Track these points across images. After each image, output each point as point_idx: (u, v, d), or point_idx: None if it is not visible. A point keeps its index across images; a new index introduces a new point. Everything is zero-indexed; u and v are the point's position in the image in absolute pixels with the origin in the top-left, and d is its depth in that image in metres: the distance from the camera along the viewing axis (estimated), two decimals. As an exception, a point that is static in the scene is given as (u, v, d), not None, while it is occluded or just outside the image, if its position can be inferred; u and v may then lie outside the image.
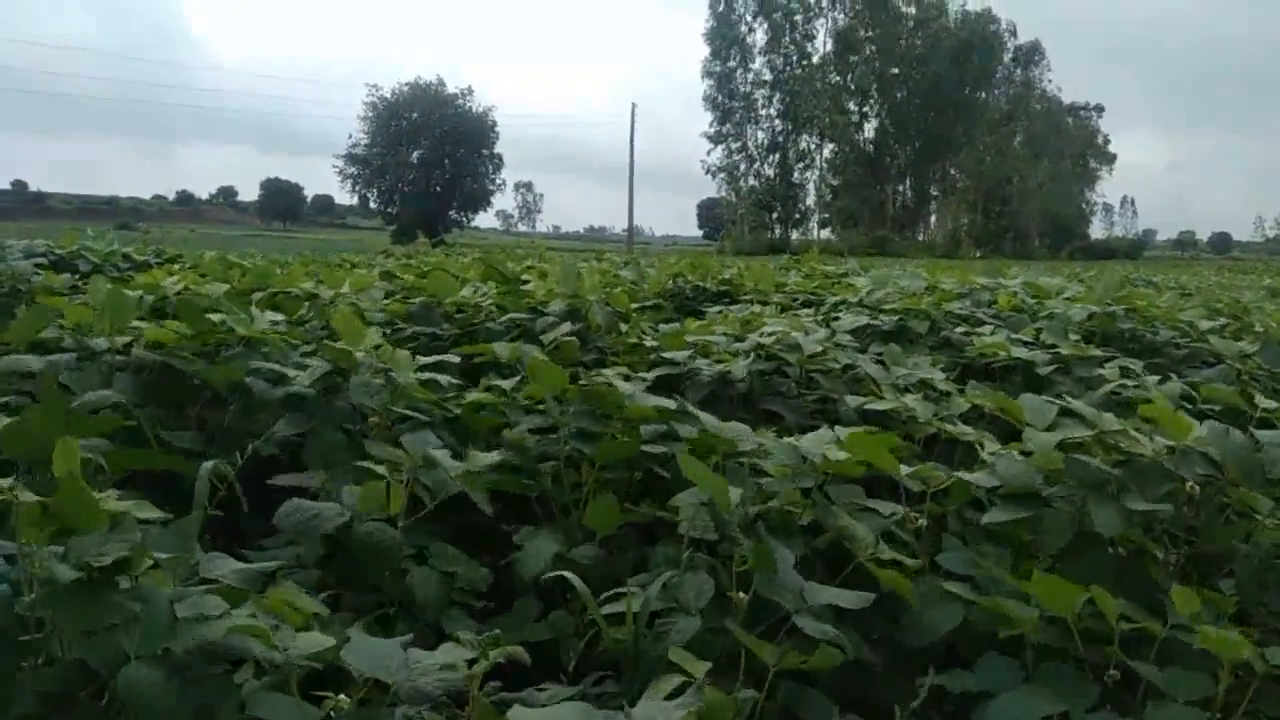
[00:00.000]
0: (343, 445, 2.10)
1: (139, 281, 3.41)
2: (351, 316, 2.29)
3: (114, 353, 2.39)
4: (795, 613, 1.37)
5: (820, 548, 1.73)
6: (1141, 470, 1.48)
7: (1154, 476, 1.48)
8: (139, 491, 1.78)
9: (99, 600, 1.14)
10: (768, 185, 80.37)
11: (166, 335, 2.38)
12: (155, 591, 1.18)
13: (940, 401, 2.55)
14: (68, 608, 1.13)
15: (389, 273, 4.46)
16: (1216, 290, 7.16)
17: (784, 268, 9.65)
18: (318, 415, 2.15)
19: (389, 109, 64.36)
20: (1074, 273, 14.29)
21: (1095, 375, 2.87)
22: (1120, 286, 3.89)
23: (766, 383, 2.64)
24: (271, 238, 69.45)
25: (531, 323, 3.07)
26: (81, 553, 1.17)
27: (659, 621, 1.41)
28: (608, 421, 2.06)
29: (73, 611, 1.13)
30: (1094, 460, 1.50)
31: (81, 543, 1.19)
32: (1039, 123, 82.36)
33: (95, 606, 1.13)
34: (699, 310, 4.55)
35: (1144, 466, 1.48)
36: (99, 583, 1.15)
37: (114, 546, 1.18)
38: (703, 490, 1.56)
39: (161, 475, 1.93)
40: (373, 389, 2.14)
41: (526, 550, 1.69)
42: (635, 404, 2.05)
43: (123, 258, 6.19)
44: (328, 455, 2.06)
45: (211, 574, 1.33)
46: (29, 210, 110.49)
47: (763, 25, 78.71)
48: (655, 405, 2.04)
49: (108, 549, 1.17)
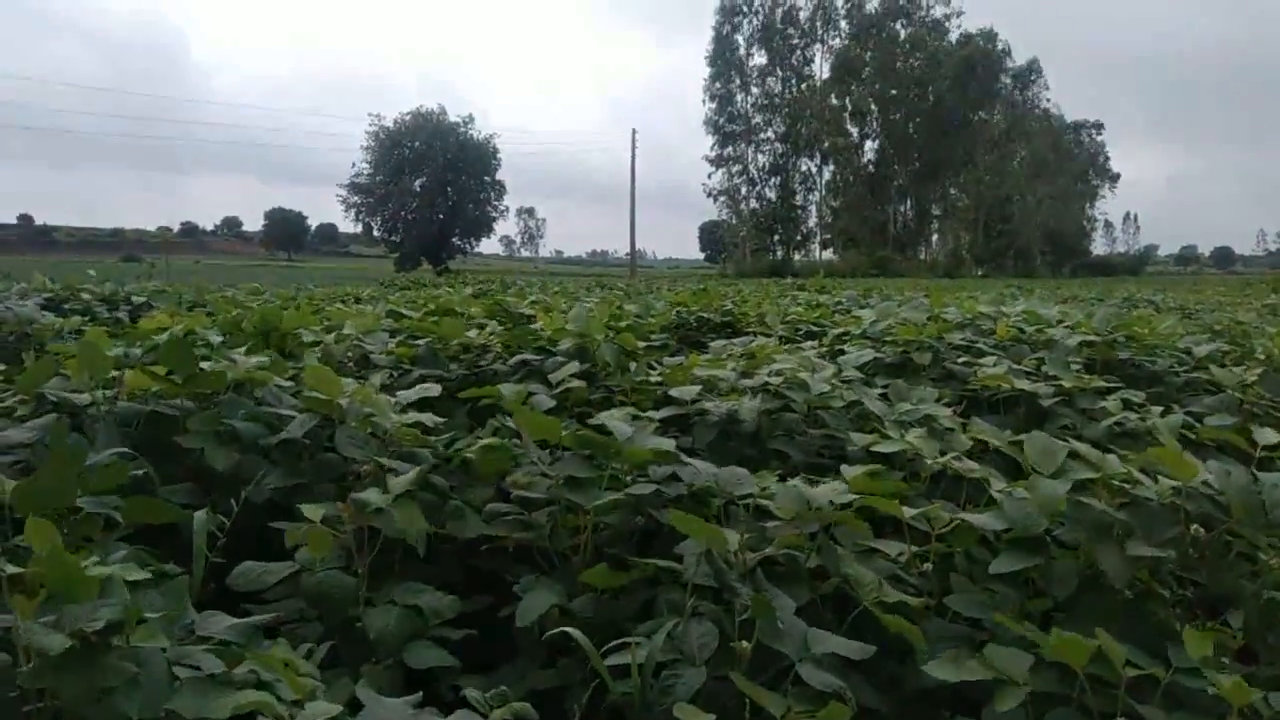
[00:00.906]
0: (333, 496, 2.04)
1: (143, 327, 3.44)
2: (322, 370, 2.26)
3: (98, 405, 2.35)
4: (799, 661, 1.38)
5: (827, 592, 1.74)
6: (1147, 513, 1.50)
7: (1160, 520, 1.50)
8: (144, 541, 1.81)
9: (94, 665, 1.14)
10: (769, 208, 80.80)
11: (146, 381, 2.36)
12: (152, 652, 1.18)
13: (945, 436, 2.56)
14: (63, 676, 1.13)
15: (395, 310, 4.48)
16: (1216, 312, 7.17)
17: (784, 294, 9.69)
18: (307, 469, 2.13)
19: (391, 138, 64.96)
20: (1074, 295, 14.30)
21: (1098, 407, 2.88)
22: (1118, 318, 3.90)
23: (774, 421, 2.65)
24: (276, 268, 69.85)
25: (540, 363, 3.08)
26: (73, 621, 1.17)
27: (664, 672, 1.42)
28: (603, 466, 2.02)
29: (69, 679, 1.13)
30: (1098, 504, 1.51)
31: (73, 610, 1.20)
32: (1039, 141, 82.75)
33: (91, 672, 1.14)
34: (702, 342, 4.57)
35: (1150, 510, 1.50)
36: (93, 648, 1.15)
37: (105, 611, 1.18)
38: (698, 540, 1.57)
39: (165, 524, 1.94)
40: (359, 440, 2.12)
41: (525, 601, 1.70)
42: (633, 447, 2.02)
43: (126, 299, 6.23)
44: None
45: (206, 631, 1.32)
46: (34, 244, 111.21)
47: (762, 49, 79.51)
48: (653, 448, 2.01)
49: (99, 614, 1.18)
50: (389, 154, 64.54)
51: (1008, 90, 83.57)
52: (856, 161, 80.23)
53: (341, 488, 2.12)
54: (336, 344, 3.28)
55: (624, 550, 1.99)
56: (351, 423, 2.20)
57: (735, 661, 1.45)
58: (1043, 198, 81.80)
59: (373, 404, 2.22)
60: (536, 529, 1.97)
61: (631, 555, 1.97)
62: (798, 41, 79.12)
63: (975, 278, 64.56)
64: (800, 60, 79.32)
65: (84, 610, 1.18)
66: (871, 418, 2.65)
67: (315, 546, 1.71)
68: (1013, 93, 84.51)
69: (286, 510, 2.05)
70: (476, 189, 66.38)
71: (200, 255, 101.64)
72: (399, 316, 4.04)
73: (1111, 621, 1.54)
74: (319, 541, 1.71)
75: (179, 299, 6.77)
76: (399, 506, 1.77)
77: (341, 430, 2.13)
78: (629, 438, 2.04)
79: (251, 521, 2.00)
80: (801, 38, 79.27)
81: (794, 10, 79.03)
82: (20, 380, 2.57)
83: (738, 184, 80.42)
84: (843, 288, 14.30)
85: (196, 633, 1.30)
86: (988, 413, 3.02)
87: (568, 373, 2.78)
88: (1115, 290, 17.27)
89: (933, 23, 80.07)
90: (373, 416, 2.20)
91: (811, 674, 1.35)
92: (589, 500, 1.88)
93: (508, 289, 10.38)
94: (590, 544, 1.96)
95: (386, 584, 1.81)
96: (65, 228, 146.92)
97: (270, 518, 2.01)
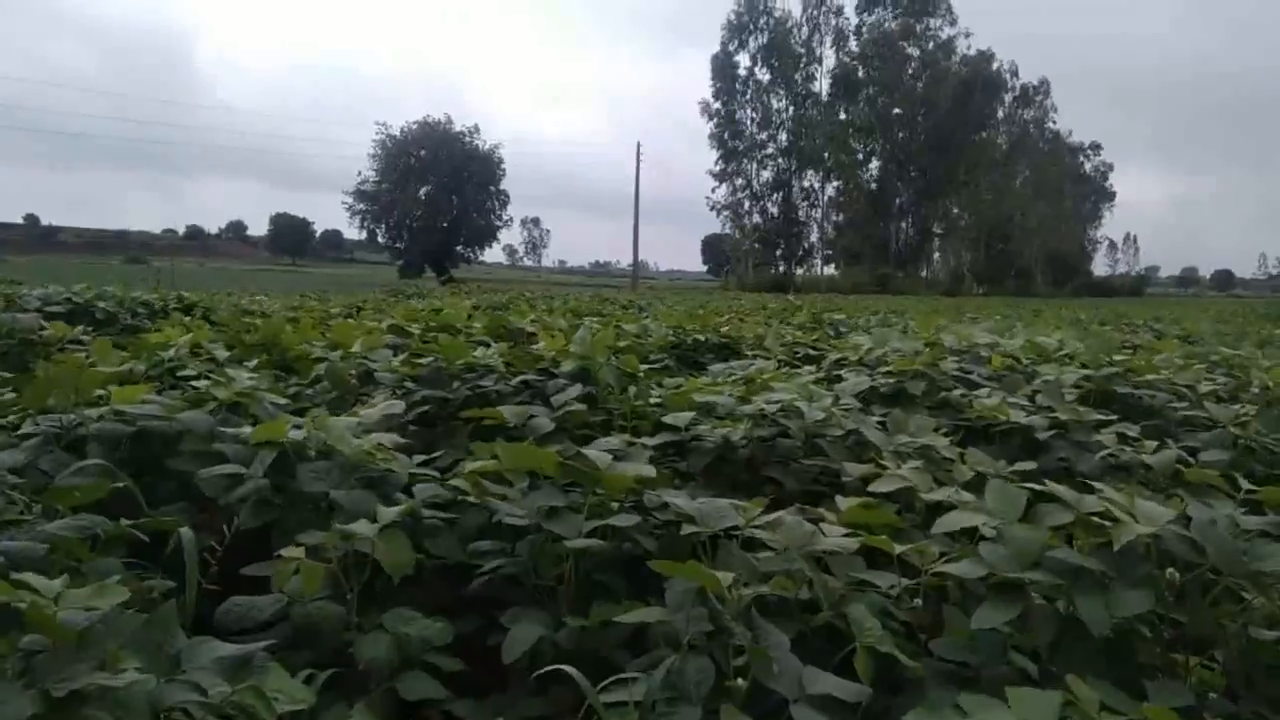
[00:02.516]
0: (312, 522, 2.02)
1: (150, 340, 3.48)
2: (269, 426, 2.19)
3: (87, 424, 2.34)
4: (794, 702, 1.40)
5: (817, 625, 1.76)
6: (1122, 557, 1.53)
7: (1134, 564, 1.53)
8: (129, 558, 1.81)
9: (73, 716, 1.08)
10: (772, 222, 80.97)
11: (132, 395, 2.39)
12: (134, 696, 1.13)
13: (942, 466, 2.59)
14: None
15: (398, 326, 4.52)
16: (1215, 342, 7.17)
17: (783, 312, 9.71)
18: (278, 505, 2.08)
19: (397, 146, 65.22)
20: (1074, 317, 14.31)
21: (1093, 440, 2.91)
22: (1115, 347, 3.93)
23: (770, 448, 2.67)
24: (280, 273, 69.95)
25: (542, 384, 3.12)
26: (44, 676, 1.12)
27: (659, 708, 1.44)
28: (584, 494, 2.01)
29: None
30: (1071, 555, 1.55)
31: (44, 664, 1.15)
32: (1040, 160, 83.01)
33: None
34: (700, 363, 4.61)
35: (1125, 553, 1.53)
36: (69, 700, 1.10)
37: (80, 668, 1.13)
38: (689, 579, 1.58)
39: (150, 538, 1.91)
40: (320, 472, 2.08)
41: (512, 634, 1.71)
42: (613, 474, 2.00)
43: (141, 305, 6.26)
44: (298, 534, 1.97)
45: (194, 663, 1.27)
46: (40, 244, 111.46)
47: (765, 67, 79.84)
48: (634, 475, 2.01)
49: (74, 670, 1.13)
50: (395, 162, 64.79)
51: (1010, 110, 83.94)
52: (859, 178, 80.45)
53: (319, 512, 2.07)
54: (342, 362, 3.32)
55: (610, 577, 1.99)
56: (311, 453, 2.16)
57: (727, 696, 1.48)
58: (1044, 218, 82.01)
59: (327, 430, 2.17)
60: (518, 559, 1.95)
61: (617, 580, 1.98)
62: (805, 59, 79.43)
63: (976, 295, 64.67)
64: (805, 77, 79.64)
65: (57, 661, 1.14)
66: (869, 446, 2.68)
67: (308, 581, 1.71)
68: (1016, 112, 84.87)
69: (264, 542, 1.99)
70: (481, 198, 66.58)
71: (204, 259, 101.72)
72: (402, 331, 4.08)
73: (1094, 661, 1.57)
74: (311, 575, 1.71)
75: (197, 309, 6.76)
76: (386, 538, 1.76)
77: (302, 467, 2.09)
78: (610, 465, 2.02)
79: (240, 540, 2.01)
80: (808, 56, 79.60)
81: (800, 28, 79.43)
82: (27, 395, 2.61)
83: (740, 198, 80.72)
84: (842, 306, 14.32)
85: (183, 666, 1.25)
86: (984, 443, 3.05)
87: (570, 395, 2.82)
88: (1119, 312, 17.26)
89: (940, 43, 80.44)
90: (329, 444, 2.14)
91: (806, 716, 1.38)
92: (570, 530, 1.87)
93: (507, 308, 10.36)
94: (574, 573, 1.97)
95: (374, 610, 1.79)
96: (71, 228, 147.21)
97: (259, 536, 2.00)
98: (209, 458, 2.22)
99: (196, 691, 1.18)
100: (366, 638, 1.68)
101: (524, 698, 1.77)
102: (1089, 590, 1.46)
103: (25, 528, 1.73)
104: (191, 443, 2.31)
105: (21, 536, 1.66)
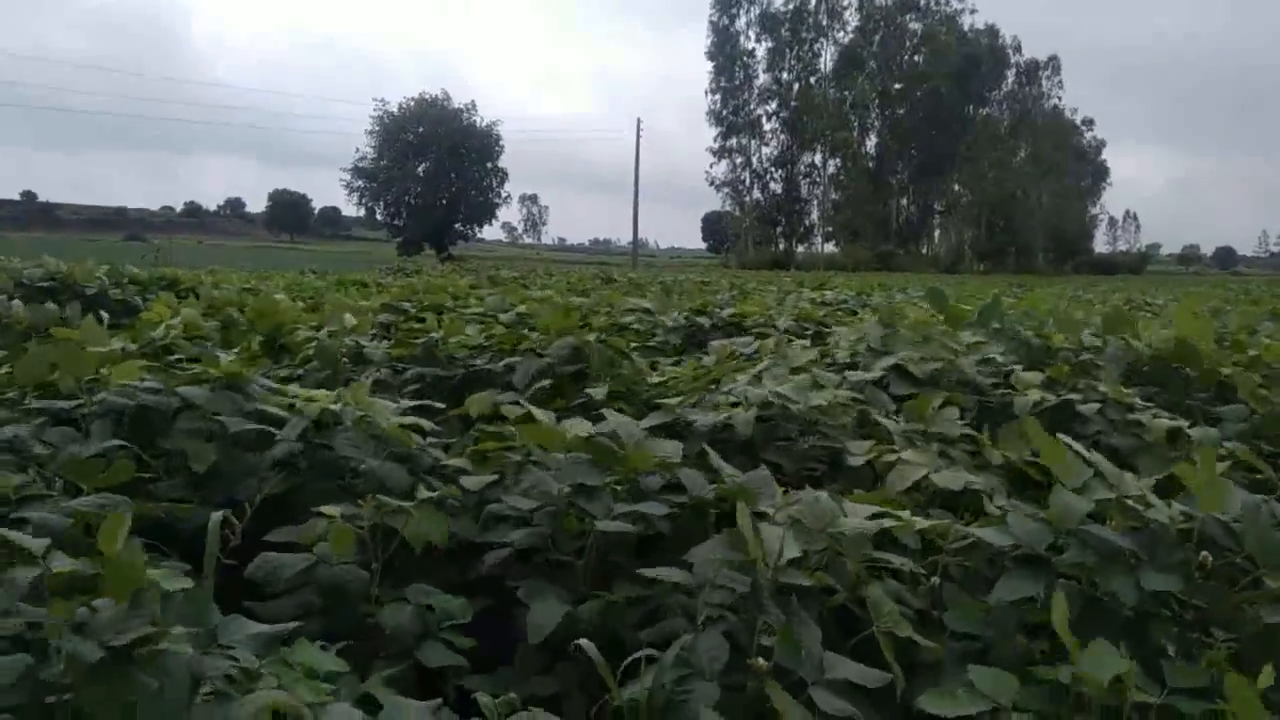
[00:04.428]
0: (334, 494, 2.08)
1: (144, 319, 3.45)
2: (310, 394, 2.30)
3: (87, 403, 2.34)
4: (813, 684, 1.38)
5: (833, 606, 1.74)
6: (1156, 540, 1.50)
7: (1169, 547, 1.50)
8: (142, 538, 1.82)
9: (120, 677, 1.15)
10: (772, 199, 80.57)
11: (133, 372, 2.39)
12: (177, 662, 1.19)
13: (958, 446, 2.54)
14: (90, 684, 1.15)
15: (390, 305, 4.49)
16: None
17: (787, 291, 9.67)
18: (304, 470, 2.13)
19: (395, 123, 64.71)
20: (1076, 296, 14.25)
21: (1127, 419, 2.84)
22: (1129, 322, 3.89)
23: (770, 429, 2.62)
24: (279, 250, 69.71)
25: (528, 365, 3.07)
26: (101, 630, 1.18)
27: (673, 686, 1.42)
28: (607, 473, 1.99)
29: (94, 689, 1.15)
30: (1106, 532, 1.52)
31: (101, 619, 1.20)
32: (1043, 137, 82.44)
33: (116, 683, 1.15)
34: (705, 342, 4.57)
35: (1159, 535, 1.50)
36: (121, 659, 1.17)
37: (134, 624, 1.19)
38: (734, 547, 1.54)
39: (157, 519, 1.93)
40: (355, 440, 2.15)
41: (535, 613, 1.69)
42: (638, 453, 1.99)
43: (131, 283, 6.21)
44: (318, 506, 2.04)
45: (228, 639, 1.33)
46: (38, 221, 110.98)
47: (765, 41, 79.13)
48: (659, 456, 1.99)
49: (128, 626, 1.19)
50: (393, 139, 64.33)
51: (1012, 86, 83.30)
52: (858, 155, 79.96)
53: (339, 487, 2.13)
54: (332, 341, 3.29)
55: (623, 556, 1.97)
56: (348, 424, 2.23)
57: (745, 673, 1.46)
58: (1045, 195, 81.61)
59: (367, 407, 2.26)
60: (538, 530, 1.94)
61: (631, 560, 1.96)
62: (806, 34, 78.64)
63: (976, 273, 64.53)
64: (809, 54, 78.87)
65: (113, 617, 1.20)
66: (871, 425, 2.64)
67: (338, 542, 1.74)
68: (1020, 89, 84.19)
69: (282, 510, 2.04)
70: (479, 175, 66.18)
71: (203, 236, 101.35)
72: (397, 311, 4.04)
73: (1114, 641, 1.55)
74: (342, 537, 1.74)
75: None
76: (422, 510, 1.81)
77: (340, 432, 2.18)
78: (638, 442, 2.02)
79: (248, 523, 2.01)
80: (807, 30, 78.80)
81: (797, 1, 78.53)
82: (17, 370, 2.58)
83: (741, 175, 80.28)
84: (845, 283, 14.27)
85: (218, 640, 1.31)
86: (1003, 421, 2.98)
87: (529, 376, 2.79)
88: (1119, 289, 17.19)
89: (944, 17, 79.63)
90: (366, 419, 2.23)
91: (825, 699, 1.36)
92: (601, 510, 1.86)
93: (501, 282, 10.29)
94: (593, 549, 1.95)
95: (390, 585, 1.83)
96: (69, 205, 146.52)
97: (265, 517, 2.00)
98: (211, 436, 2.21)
99: (231, 663, 1.24)
100: (390, 607, 1.72)
101: (532, 673, 1.76)
102: (1119, 568, 1.44)
103: (50, 503, 1.78)
104: (190, 419, 2.29)
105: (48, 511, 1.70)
